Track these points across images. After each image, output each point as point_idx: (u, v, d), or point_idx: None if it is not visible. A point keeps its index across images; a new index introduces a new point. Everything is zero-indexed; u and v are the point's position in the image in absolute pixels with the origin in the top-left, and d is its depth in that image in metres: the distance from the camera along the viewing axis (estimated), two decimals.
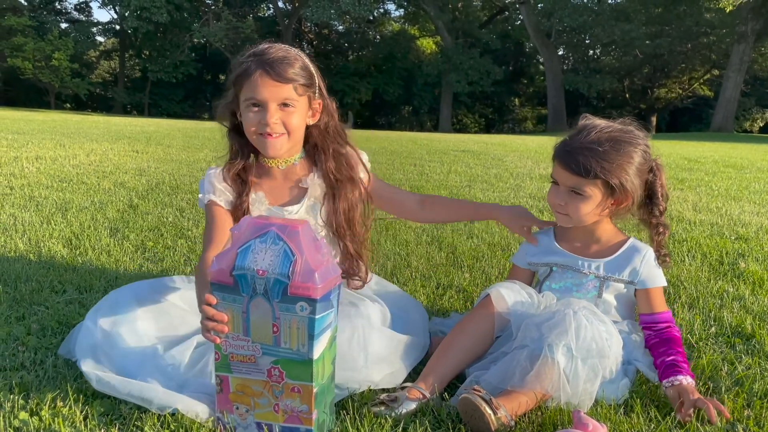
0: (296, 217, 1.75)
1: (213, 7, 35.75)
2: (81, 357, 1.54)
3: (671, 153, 9.12)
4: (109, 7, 36.17)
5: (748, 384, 1.60)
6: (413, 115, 40.04)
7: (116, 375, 1.47)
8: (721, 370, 1.69)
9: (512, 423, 1.37)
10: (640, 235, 1.85)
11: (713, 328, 2.00)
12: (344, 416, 1.40)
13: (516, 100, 42.89)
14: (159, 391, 1.40)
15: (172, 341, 1.59)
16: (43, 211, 3.57)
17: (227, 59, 27.97)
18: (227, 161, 1.78)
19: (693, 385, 1.51)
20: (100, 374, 1.45)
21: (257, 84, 1.62)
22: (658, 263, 1.72)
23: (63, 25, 34.86)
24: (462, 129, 38.91)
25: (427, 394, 1.48)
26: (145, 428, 1.34)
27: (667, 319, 1.68)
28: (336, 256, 1.81)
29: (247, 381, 1.30)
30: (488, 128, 40.25)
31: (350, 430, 1.35)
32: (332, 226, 1.78)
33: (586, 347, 1.47)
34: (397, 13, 41.66)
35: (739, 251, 3.04)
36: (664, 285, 1.71)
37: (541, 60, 36.11)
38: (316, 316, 1.23)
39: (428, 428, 1.37)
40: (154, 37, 33.43)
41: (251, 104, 1.64)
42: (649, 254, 1.70)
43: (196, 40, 32.73)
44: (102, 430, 1.34)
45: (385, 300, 1.83)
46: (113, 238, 3.06)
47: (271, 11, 39.25)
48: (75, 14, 37.10)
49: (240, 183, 1.75)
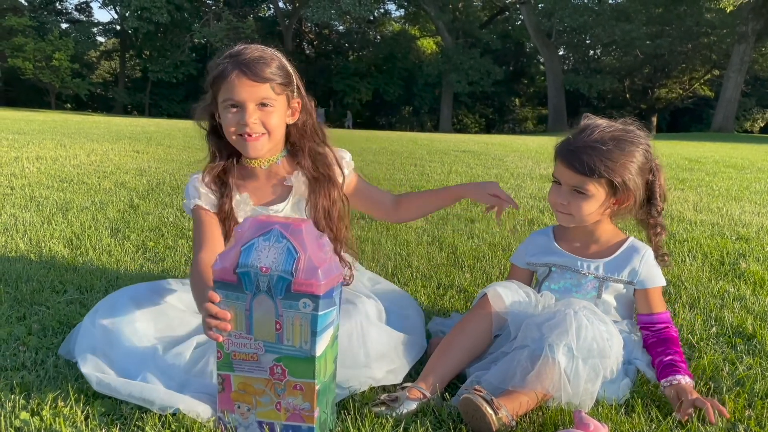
0: (282, 216, 1.75)
1: (213, 8, 35.81)
2: (81, 358, 1.54)
3: (672, 153, 9.12)
4: (109, 8, 36.28)
5: (749, 384, 1.60)
6: (413, 115, 40.08)
7: (117, 376, 1.47)
8: (722, 370, 1.68)
9: (513, 423, 1.37)
10: (640, 235, 1.85)
11: (714, 329, 2.00)
12: (345, 416, 1.40)
13: (516, 100, 42.93)
14: (160, 391, 1.40)
15: (172, 342, 1.59)
16: (44, 211, 3.58)
17: None
18: (207, 164, 1.78)
19: (691, 385, 1.51)
20: (101, 376, 1.45)
21: (234, 85, 1.62)
22: (657, 263, 1.72)
23: (63, 26, 34.97)
24: (462, 129, 38.95)
25: (427, 394, 1.48)
26: (146, 428, 1.34)
27: (665, 320, 1.67)
28: None
29: (249, 379, 1.30)
30: (489, 128, 40.29)
31: (351, 429, 1.35)
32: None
33: (587, 347, 1.47)
34: (397, 14, 41.78)
35: (740, 251, 3.04)
36: (663, 285, 1.70)
37: (541, 60, 36.16)
38: (319, 313, 1.23)
39: (429, 428, 1.37)
40: (154, 37, 33.50)
41: (229, 105, 1.64)
42: (648, 254, 1.70)
43: (196, 40, 32.78)
44: (103, 430, 1.34)
45: (379, 296, 1.83)
46: (114, 238, 3.06)
47: (272, 11, 39.32)
48: (75, 14, 37.22)
49: (221, 185, 1.75)
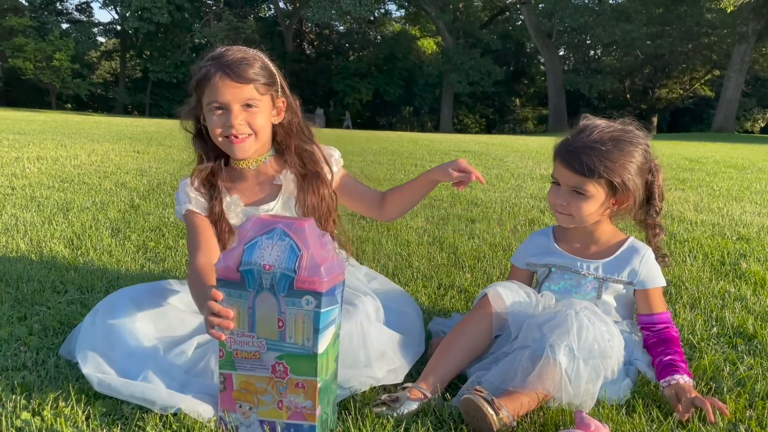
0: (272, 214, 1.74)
1: (214, 8, 35.80)
2: (82, 359, 1.54)
3: (672, 153, 9.11)
4: (110, 8, 36.26)
5: (750, 384, 1.60)
6: (414, 115, 40.08)
7: (117, 377, 1.47)
8: (722, 370, 1.68)
9: (514, 423, 1.37)
10: (640, 235, 1.85)
11: (715, 329, 2.00)
12: (346, 416, 1.41)
13: (517, 100, 42.91)
14: (161, 391, 1.40)
15: (173, 342, 1.59)
16: (45, 211, 3.58)
17: None
18: (194, 168, 1.78)
19: (690, 384, 1.50)
20: (102, 376, 1.45)
21: (218, 87, 1.62)
22: (657, 263, 1.71)
23: (64, 26, 34.96)
24: (463, 129, 38.94)
25: (428, 394, 1.48)
26: (148, 428, 1.34)
27: (665, 320, 1.67)
28: None
29: (251, 378, 1.30)
30: (489, 128, 40.27)
31: (352, 430, 1.36)
32: None
33: (588, 348, 1.47)
34: (397, 14, 41.76)
35: (741, 252, 3.04)
36: (663, 285, 1.70)
37: (542, 60, 36.15)
38: (322, 310, 1.24)
39: (430, 428, 1.37)
40: (155, 37, 33.49)
41: (214, 107, 1.65)
42: (648, 254, 1.70)
43: (197, 40, 32.76)
44: (104, 431, 1.34)
45: (376, 293, 1.83)
46: (115, 238, 3.06)
47: (272, 11, 39.32)
48: (76, 15, 37.19)
49: (210, 187, 1.76)
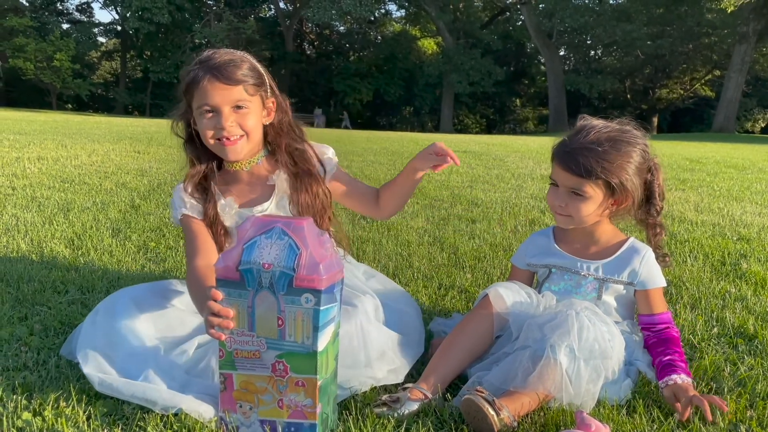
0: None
1: (214, 8, 35.81)
2: (82, 359, 1.54)
3: (673, 153, 9.11)
4: (110, 8, 36.29)
5: (751, 384, 1.60)
6: (414, 115, 40.05)
7: (118, 377, 1.47)
8: (723, 370, 1.68)
9: (515, 424, 1.37)
10: (641, 235, 1.85)
11: (715, 329, 2.00)
12: (347, 416, 1.41)
13: (517, 100, 42.90)
14: (163, 391, 1.40)
15: (173, 342, 1.59)
16: (45, 211, 3.58)
17: None
18: (187, 173, 1.79)
19: (689, 383, 1.50)
20: (103, 376, 1.45)
21: (207, 90, 1.62)
22: (658, 263, 1.71)
23: (64, 26, 34.97)
24: (463, 129, 38.94)
25: (429, 395, 1.48)
26: (149, 428, 1.34)
27: (666, 320, 1.67)
28: None
29: (252, 377, 1.31)
30: (489, 129, 40.27)
31: (353, 430, 1.36)
32: None
33: (588, 348, 1.47)
34: (398, 14, 41.78)
35: (741, 252, 3.04)
36: (663, 286, 1.70)
37: (542, 60, 36.14)
38: (321, 308, 1.25)
39: (431, 429, 1.37)
40: (155, 37, 33.50)
41: (204, 111, 1.64)
42: (649, 255, 1.70)
43: (197, 40, 32.76)
44: (105, 431, 1.34)
45: (375, 291, 1.83)
46: (115, 238, 3.06)
47: (273, 12, 39.31)
48: (76, 15, 37.20)
49: (202, 191, 1.76)
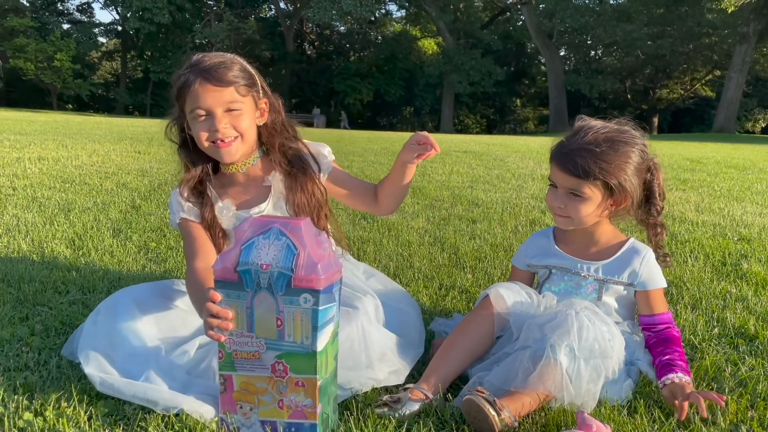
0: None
1: (215, 8, 35.83)
2: (84, 359, 1.54)
3: (673, 154, 9.11)
4: (111, 8, 36.33)
5: (752, 385, 1.60)
6: (415, 115, 40.06)
7: (120, 377, 1.47)
8: (724, 371, 1.68)
9: (516, 424, 1.37)
10: (642, 235, 1.85)
11: (716, 329, 2.00)
12: (348, 417, 1.41)
13: (517, 100, 42.91)
14: (164, 392, 1.40)
15: (174, 342, 1.60)
16: (46, 211, 3.58)
17: None
18: (182, 178, 1.78)
19: (686, 381, 1.50)
20: (104, 376, 1.46)
21: (199, 93, 1.62)
22: (659, 264, 1.71)
23: (65, 26, 35.00)
24: (463, 130, 38.94)
25: (429, 395, 1.48)
26: (149, 429, 1.34)
27: (666, 320, 1.67)
28: None
29: (251, 378, 1.31)
30: (490, 129, 40.27)
31: (354, 430, 1.36)
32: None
33: (588, 347, 1.47)
34: (398, 14, 41.79)
35: (742, 252, 3.04)
36: (664, 287, 1.70)
37: (542, 61, 36.14)
38: (320, 308, 1.25)
39: (432, 429, 1.37)
40: (156, 37, 33.51)
41: (197, 114, 1.64)
42: (649, 256, 1.69)
43: (198, 40, 32.77)
44: (106, 431, 1.34)
45: (375, 291, 1.83)
46: (116, 238, 3.06)
47: (273, 12, 39.33)
48: (77, 15, 37.24)
49: (198, 195, 1.76)
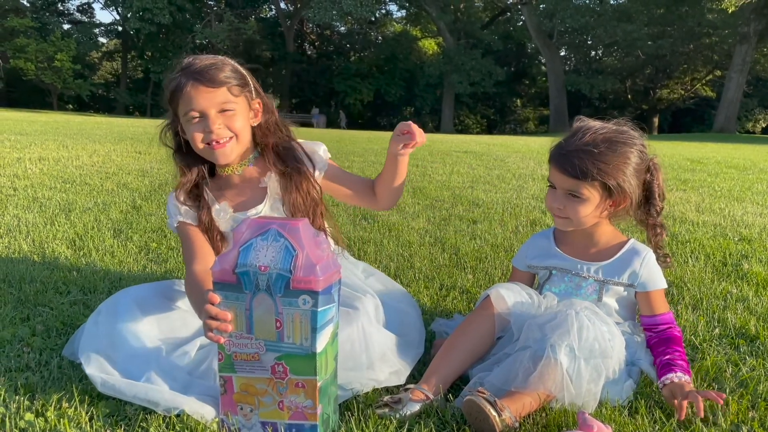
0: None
1: (215, 8, 35.84)
2: (85, 359, 1.54)
3: (673, 154, 9.11)
4: (111, 9, 36.33)
5: (753, 385, 1.59)
6: (415, 116, 40.02)
7: (121, 377, 1.47)
8: (725, 371, 1.68)
9: (516, 424, 1.37)
10: (642, 236, 1.85)
11: (717, 330, 2.00)
12: (349, 417, 1.41)
13: (518, 100, 42.91)
14: (165, 392, 1.40)
15: (175, 343, 1.60)
16: (47, 212, 3.58)
17: None
18: (179, 181, 1.78)
19: (686, 381, 1.50)
20: (105, 377, 1.46)
21: (191, 95, 1.62)
22: (659, 264, 1.71)
23: (65, 27, 35.00)
24: (464, 130, 38.94)
25: (430, 396, 1.49)
26: (150, 429, 1.34)
27: (667, 321, 1.67)
28: None
29: (251, 380, 1.31)
30: (490, 129, 40.26)
31: (355, 430, 1.36)
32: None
33: (588, 347, 1.47)
34: (398, 14, 41.78)
35: (743, 252, 3.04)
36: (664, 287, 1.70)
37: (543, 61, 36.13)
38: (319, 309, 1.25)
39: (433, 430, 1.37)
40: (156, 38, 33.51)
41: (191, 117, 1.64)
42: (649, 256, 1.69)
43: (198, 41, 32.78)
44: (107, 431, 1.34)
45: (375, 290, 1.83)
46: (117, 239, 3.06)
47: (273, 12, 39.33)
48: (77, 15, 37.25)
49: (195, 198, 1.76)
